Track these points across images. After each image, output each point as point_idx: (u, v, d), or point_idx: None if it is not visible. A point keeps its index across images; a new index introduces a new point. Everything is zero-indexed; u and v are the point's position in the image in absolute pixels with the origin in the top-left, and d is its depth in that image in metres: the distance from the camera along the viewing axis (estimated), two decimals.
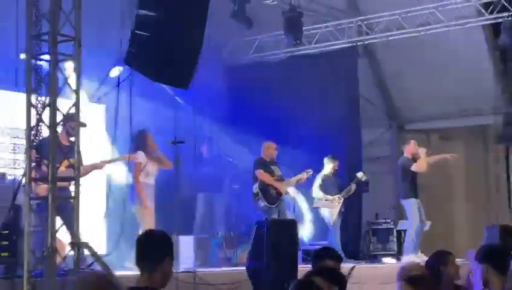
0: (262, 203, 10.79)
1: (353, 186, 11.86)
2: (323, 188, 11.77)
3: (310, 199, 12.01)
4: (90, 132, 8.16)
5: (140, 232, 8.99)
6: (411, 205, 11.09)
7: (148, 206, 9.34)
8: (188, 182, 10.26)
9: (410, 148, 11.25)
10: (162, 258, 3.87)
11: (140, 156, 9.35)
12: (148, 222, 9.20)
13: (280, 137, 11.72)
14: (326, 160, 11.90)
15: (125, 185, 7.49)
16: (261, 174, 10.86)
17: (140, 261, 3.92)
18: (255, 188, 10.84)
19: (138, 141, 9.39)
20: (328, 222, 11.71)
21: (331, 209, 11.68)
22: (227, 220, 12.23)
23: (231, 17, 11.60)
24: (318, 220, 12.12)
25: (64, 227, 6.81)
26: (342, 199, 11.73)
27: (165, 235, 4.04)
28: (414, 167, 11.03)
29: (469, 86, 13.39)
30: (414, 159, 11.15)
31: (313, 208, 12.19)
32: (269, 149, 11.03)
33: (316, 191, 11.79)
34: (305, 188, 11.91)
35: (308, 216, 12.67)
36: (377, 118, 14.73)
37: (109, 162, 8.89)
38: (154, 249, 3.92)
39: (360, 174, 11.97)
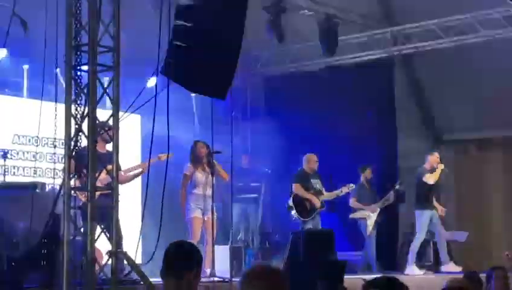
0: (294, 217, 10.82)
1: (391, 196, 11.81)
2: (359, 198, 11.74)
3: (346, 209, 11.95)
4: (126, 142, 8.23)
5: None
6: (421, 216, 11.20)
7: (196, 216, 9.43)
8: (224, 192, 10.30)
9: (432, 159, 11.26)
10: (188, 269, 3.84)
11: (187, 167, 9.50)
12: (195, 232, 9.32)
13: (315, 146, 11.72)
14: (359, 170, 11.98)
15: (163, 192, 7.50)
16: (296, 188, 10.88)
17: (166, 270, 3.89)
18: (290, 201, 10.89)
19: (190, 152, 9.56)
20: (364, 233, 11.67)
21: (367, 219, 11.64)
22: (262, 230, 12.24)
23: (266, 28, 11.64)
24: (353, 230, 12.06)
25: (103, 236, 6.86)
26: (378, 209, 11.69)
27: (193, 248, 4.03)
28: (425, 177, 11.05)
29: (507, 96, 13.25)
30: (432, 171, 11.15)
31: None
32: (310, 161, 11.07)
33: (352, 201, 11.76)
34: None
35: None
36: (414, 127, 14.64)
37: (148, 163, 8.85)
38: (181, 261, 3.88)
39: (397, 185, 11.93)
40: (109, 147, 7.47)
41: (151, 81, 9.63)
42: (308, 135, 12.36)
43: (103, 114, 7.03)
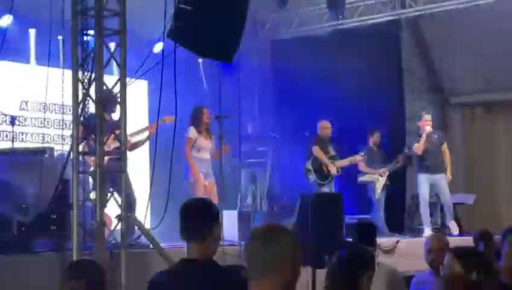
0: (312, 178, 10.99)
1: (400, 160, 11.82)
2: (368, 161, 11.74)
3: (354, 172, 11.96)
4: (133, 108, 8.21)
5: None
6: (419, 181, 11.30)
7: (201, 181, 9.41)
8: (232, 156, 10.31)
9: (421, 123, 11.26)
10: (210, 226, 3.77)
11: (191, 131, 9.45)
12: (197, 195, 9.28)
13: (322, 111, 11.72)
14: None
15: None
16: (316, 150, 11.11)
17: (187, 231, 3.80)
18: (308, 164, 11.09)
19: (192, 116, 9.52)
20: (373, 196, 11.69)
21: (376, 183, 11.66)
22: (270, 195, 12.27)
23: None
24: (362, 193, 12.08)
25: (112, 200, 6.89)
26: (387, 172, 11.69)
27: (209, 203, 3.94)
28: (414, 147, 11.19)
29: None
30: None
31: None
32: (323, 128, 11.21)
33: (360, 165, 11.77)
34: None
35: None
36: (421, 91, 14.58)
37: (156, 126, 8.78)
38: (200, 219, 3.78)
39: (405, 148, 11.94)
40: (115, 116, 7.46)
41: (158, 46, 9.61)
42: (315, 98, 12.32)
43: (110, 80, 7.02)
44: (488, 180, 14.22)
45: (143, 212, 7.51)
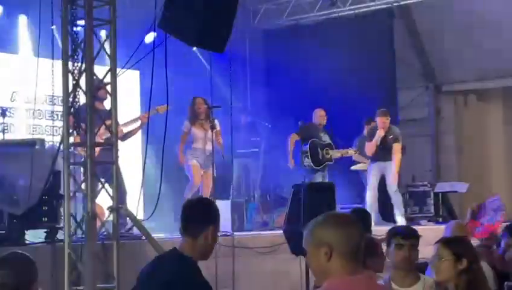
0: (307, 162, 10.93)
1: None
2: (361, 150, 11.74)
3: (347, 161, 11.97)
4: (124, 98, 8.19)
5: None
6: (368, 170, 11.26)
7: (194, 164, 9.44)
8: (224, 146, 10.30)
9: (377, 122, 11.12)
10: (205, 225, 3.85)
11: (184, 124, 9.48)
12: (195, 177, 9.35)
13: (315, 99, 11.71)
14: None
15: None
16: (291, 138, 11.05)
17: (183, 227, 3.91)
18: (306, 147, 11.07)
19: (189, 108, 9.54)
20: (366, 184, 11.69)
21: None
22: (263, 184, 12.26)
23: None
24: (354, 182, 12.09)
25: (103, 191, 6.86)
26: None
27: (211, 204, 4.03)
28: (365, 148, 11.15)
29: (508, 46, 13.16)
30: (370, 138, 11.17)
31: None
32: (317, 116, 11.17)
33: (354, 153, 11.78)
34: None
35: None
36: (414, 79, 14.57)
37: (147, 116, 8.78)
38: (198, 216, 3.89)
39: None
40: (107, 105, 7.42)
41: (149, 37, 9.54)
42: (308, 88, 12.30)
43: (101, 70, 6.97)
44: (480, 168, 14.24)
45: (135, 203, 7.48)
